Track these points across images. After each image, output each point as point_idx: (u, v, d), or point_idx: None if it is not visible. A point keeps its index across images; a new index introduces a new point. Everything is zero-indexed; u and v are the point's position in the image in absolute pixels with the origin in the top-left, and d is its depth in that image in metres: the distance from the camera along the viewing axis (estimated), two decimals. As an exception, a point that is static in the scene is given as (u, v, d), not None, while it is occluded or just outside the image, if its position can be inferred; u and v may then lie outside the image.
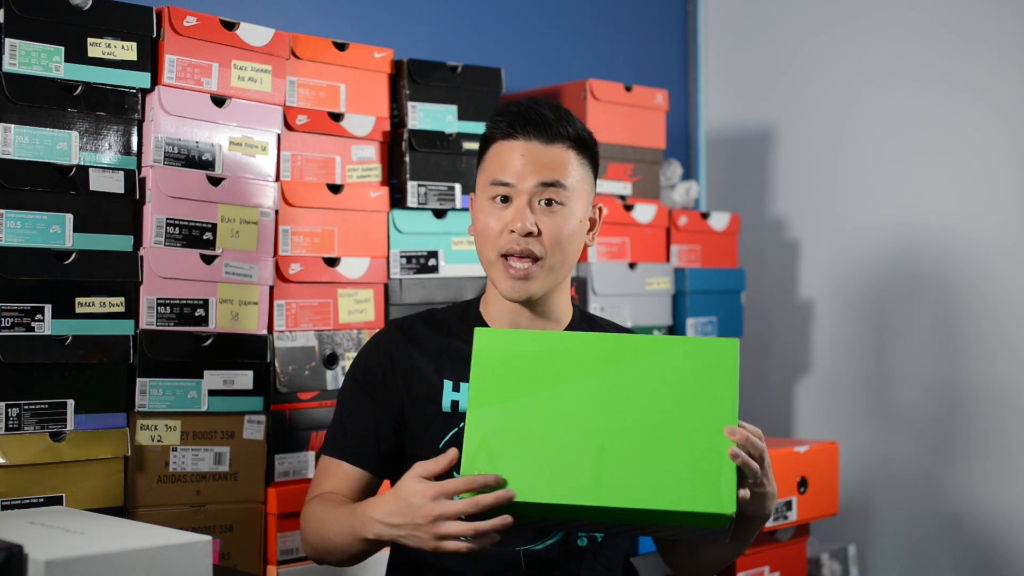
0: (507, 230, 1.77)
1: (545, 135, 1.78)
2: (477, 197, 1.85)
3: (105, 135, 2.06)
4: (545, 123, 1.78)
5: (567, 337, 1.63)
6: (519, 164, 1.77)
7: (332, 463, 1.84)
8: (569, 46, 3.34)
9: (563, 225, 1.78)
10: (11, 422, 1.93)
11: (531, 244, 1.76)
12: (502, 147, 1.80)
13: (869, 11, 3.29)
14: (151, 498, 2.08)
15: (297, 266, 2.27)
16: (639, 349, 1.60)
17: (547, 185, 1.76)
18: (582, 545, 1.78)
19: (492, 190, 1.79)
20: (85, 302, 2.01)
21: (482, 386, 1.59)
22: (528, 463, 1.54)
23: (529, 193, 1.77)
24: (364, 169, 2.41)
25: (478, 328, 1.62)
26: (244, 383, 2.19)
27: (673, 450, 1.55)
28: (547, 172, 1.77)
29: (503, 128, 1.80)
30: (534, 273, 1.77)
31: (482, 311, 1.88)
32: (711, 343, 1.62)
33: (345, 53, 2.38)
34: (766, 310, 3.46)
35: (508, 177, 1.77)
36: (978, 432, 3.03)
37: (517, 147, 1.79)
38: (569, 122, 1.81)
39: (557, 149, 1.79)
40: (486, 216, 1.80)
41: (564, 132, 1.79)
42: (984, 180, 3.04)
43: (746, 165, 3.57)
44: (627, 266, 2.81)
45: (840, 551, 3.09)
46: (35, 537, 1.47)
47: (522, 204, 1.76)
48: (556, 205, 1.77)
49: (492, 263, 1.79)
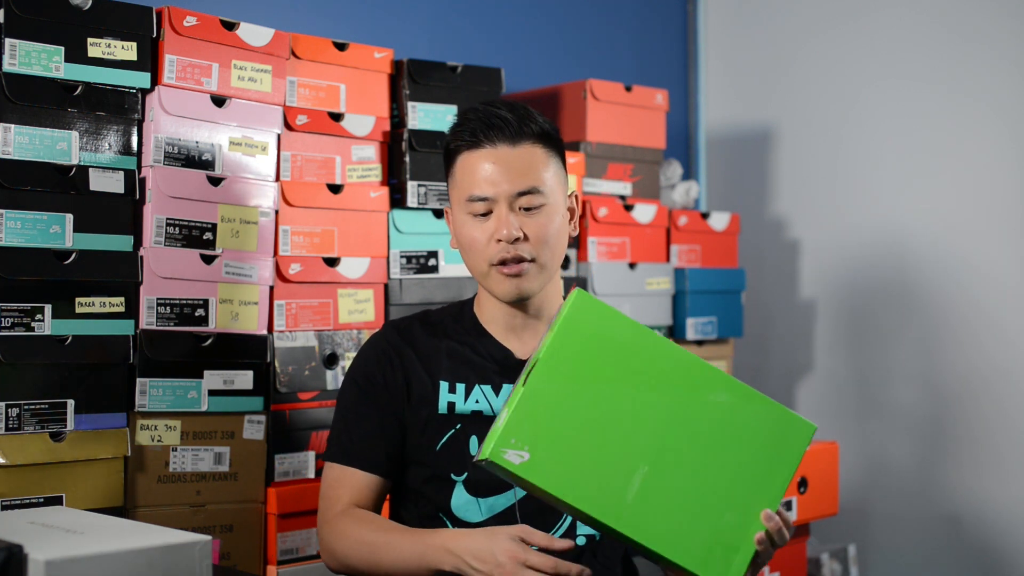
0: (493, 240, 1.76)
1: (510, 137, 1.77)
2: (455, 212, 1.83)
3: (105, 135, 2.06)
4: (507, 125, 1.77)
5: (662, 343, 1.58)
6: (491, 173, 1.76)
7: (343, 471, 1.81)
8: (569, 46, 3.34)
9: (547, 224, 1.77)
10: (11, 422, 1.93)
11: (519, 249, 1.75)
12: (469, 158, 1.78)
13: (869, 11, 3.29)
14: (151, 498, 2.08)
15: (297, 266, 2.27)
16: (725, 388, 1.56)
17: (524, 193, 1.76)
18: (581, 544, 1.78)
19: (470, 206, 1.77)
20: (85, 302, 2.01)
21: (558, 354, 1.52)
22: (566, 456, 1.50)
23: (508, 200, 1.76)
24: (364, 169, 2.41)
25: (577, 290, 1.58)
26: (244, 383, 2.18)
27: (707, 508, 1.53)
28: (521, 179, 1.76)
29: (466, 138, 1.79)
30: (527, 270, 1.76)
31: (476, 313, 1.88)
32: (794, 420, 1.58)
33: (345, 53, 2.38)
34: (766, 310, 3.46)
35: (484, 191, 1.76)
36: (978, 432, 3.03)
37: (485, 155, 1.77)
38: (531, 119, 1.79)
39: (524, 149, 1.77)
40: (469, 230, 1.78)
41: (528, 130, 1.78)
42: (983, 180, 3.04)
43: (746, 165, 3.57)
44: (627, 266, 2.81)
45: (840, 551, 3.09)
46: (35, 537, 1.47)
47: (503, 212, 1.75)
48: (536, 207, 1.77)
49: (485, 274, 1.79)
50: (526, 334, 1.84)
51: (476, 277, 1.81)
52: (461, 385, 1.81)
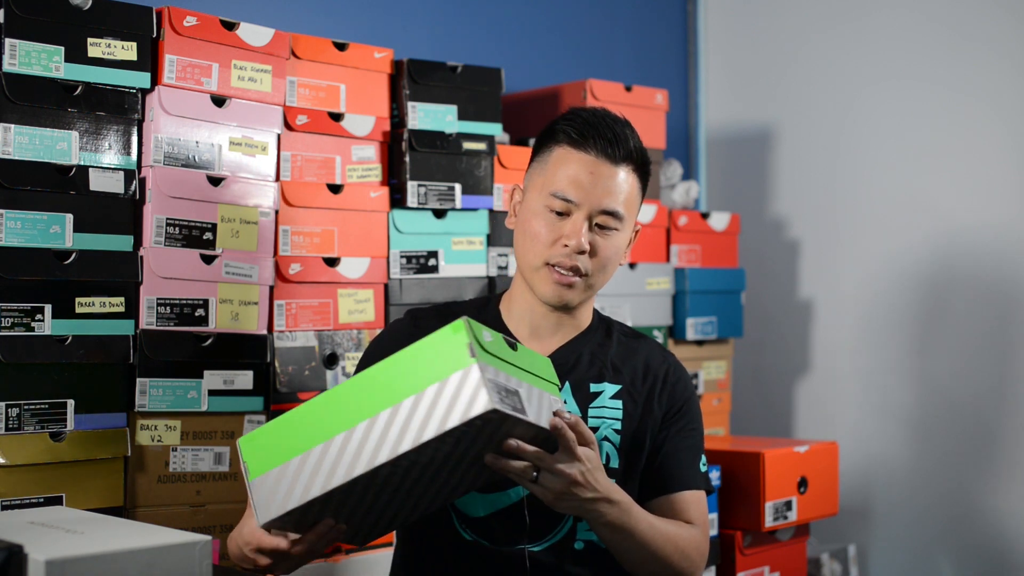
0: (560, 243, 1.76)
1: (614, 155, 1.77)
2: (530, 199, 1.82)
3: (105, 135, 2.06)
4: (616, 141, 1.77)
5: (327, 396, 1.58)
6: (585, 182, 1.76)
7: None
8: (569, 46, 3.34)
9: (614, 249, 1.79)
10: (11, 422, 1.93)
11: (580, 261, 1.76)
12: (568, 156, 1.78)
13: (869, 11, 3.29)
14: (151, 498, 2.08)
15: (297, 266, 2.27)
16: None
17: (607, 213, 1.77)
18: (578, 548, 1.78)
19: (552, 201, 1.77)
20: (85, 302, 2.01)
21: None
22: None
23: (589, 213, 1.76)
24: (364, 169, 2.41)
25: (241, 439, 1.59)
26: (244, 383, 2.19)
27: None
28: (610, 199, 1.77)
29: (572, 134, 1.78)
30: (577, 284, 1.77)
31: (502, 308, 1.88)
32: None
33: (345, 53, 2.38)
34: (766, 310, 3.46)
35: (573, 195, 1.76)
36: (978, 432, 3.03)
37: (585, 162, 1.77)
38: (634, 139, 1.80)
39: (622, 172, 1.78)
40: (539, 222, 1.78)
41: (630, 154, 1.79)
42: (983, 179, 3.04)
43: (746, 165, 3.57)
44: (627, 266, 2.80)
45: (840, 551, 3.09)
46: (35, 537, 1.47)
47: (580, 221, 1.76)
48: (611, 229, 1.78)
49: (536, 268, 1.78)
50: (550, 339, 1.84)
51: (522, 268, 1.82)
52: None
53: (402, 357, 1.50)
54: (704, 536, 1.81)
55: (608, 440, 1.79)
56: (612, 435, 1.80)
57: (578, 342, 1.85)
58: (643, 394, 1.83)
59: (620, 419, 1.81)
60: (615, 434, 1.80)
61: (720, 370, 3.04)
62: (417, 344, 1.50)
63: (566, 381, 1.81)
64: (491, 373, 1.46)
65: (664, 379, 1.86)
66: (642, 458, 1.82)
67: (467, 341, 1.46)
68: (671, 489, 1.81)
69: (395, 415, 1.47)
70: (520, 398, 1.50)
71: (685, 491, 1.82)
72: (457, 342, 1.46)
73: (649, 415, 1.83)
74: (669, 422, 1.84)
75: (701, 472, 1.85)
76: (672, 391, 1.86)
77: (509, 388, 1.48)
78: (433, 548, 1.80)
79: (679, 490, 1.82)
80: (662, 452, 1.82)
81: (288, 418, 1.56)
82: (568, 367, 1.82)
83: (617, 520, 1.65)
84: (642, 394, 1.83)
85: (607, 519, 1.64)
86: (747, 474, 2.59)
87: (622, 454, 1.80)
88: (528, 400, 1.51)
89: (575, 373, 1.82)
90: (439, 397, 1.45)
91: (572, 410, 1.78)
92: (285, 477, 1.53)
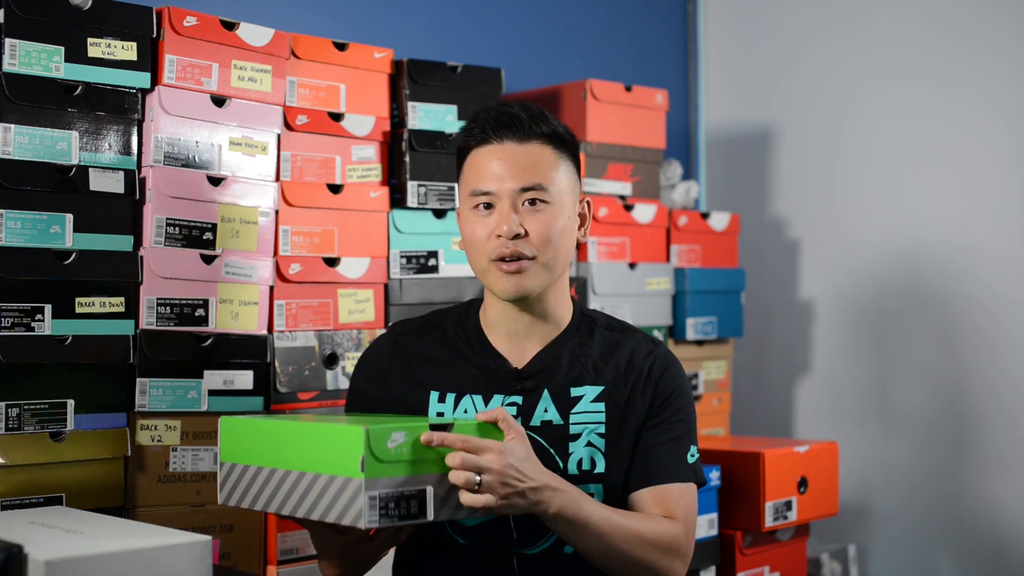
0: (494, 235, 1.74)
1: (519, 134, 1.76)
2: (462, 210, 1.82)
3: (105, 135, 2.06)
4: (517, 122, 1.76)
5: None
6: (497, 168, 1.75)
7: None
8: (569, 46, 3.34)
9: (550, 222, 1.75)
10: (11, 422, 1.93)
11: (520, 246, 1.73)
12: (478, 154, 1.78)
13: (869, 11, 3.29)
14: (151, 498, 2.08)
15: (297, 266, 2.27)
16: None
17: (528, 189, 1.74)
18: (568, 553, 1.76)
19: (474, 200, 1.77)
20: (85, 302, 2.01)
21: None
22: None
23: (511, 196, 1.74)
24: (364, 169, 2.41)
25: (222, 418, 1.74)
26: (244, 383, 2.19)
27: None
28: (526, 175, 1.75)
29: (476, 135, 1.78)
30: (527, 267, 1.74)
31: (480, 316, 1.87)
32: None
33: (345, 53, 2.38)
34: (766, 310, 3.46)
35: (487, 185, 1.75)
36: (978, 431, 3.03)
37: (492, 151, 1.76)
38: (543, 119, 1.78)
39: (533, 147, 1.76)
40: (472, 225, 1.77)
41: (538, 129, 1.77)
42: (983, 180, 3.05)
43: (746, 165, 3.57)
44: (627, 266, 2.81)
45: (840, 551, 3.09)
46: (35, 537, 1.47)
47: (505, 208, 1.74)
48: (540, 204, 1.75)
49: (485, 269, 1.77)
50: (528, 341, 1.81)
51: (477, 274, 1.80)
52: (451, 395, 1.79)
53: (324, 430, 1.59)
54: (687, 530, 1.74)
55: (592, 445, 1.76)
56: (596, 439, 1.76)
57: (557, 345, 1.81)
58: (626, 392, 1.79)
59: (603, 422, 1.77)
60: (599, 438, 1.76)
61: (720, 370, 3.04)
62: (331, 427, 1.58)
63: (544, 389, 1.78)
64: (383, 486, 1.51)
65: (648, 373, 1.80)
66: (629, 458, 1.78)
67: (360, 455, 1.50)
68: (654, 481, 1.75)
69: (300, 480, 1.59)
70: (423, 499, 1.54)
71: (668, 483, 1.75)
72: (353, 449, 1.51)
73: (632, 412, 1.78)
74: (653, 414, 1.79)
75: (689, 464, 1.78)
76: (656, 384, 1.80)
77: (407, 493, 1.53)
78: (429, 551, 1.80)
79: (662, 482, 1.75)
80: (645, 444, 1.77)
81: (262, 425, 1.68)
82: (546, 375, 1.79)
83: (567, 510, 1.62)
84: (624, 392, 1.79)
85: (555, 509, 1.61)
86: (747, 474, 2.59)
87: (608, 457, 1.76)
88: (435, 495, 1.55)
89: (554, 380, 1.79)
90: (328, 488, 1.55)
91: (553, 419, 1.76)
92: (243, 478, 1.68)
